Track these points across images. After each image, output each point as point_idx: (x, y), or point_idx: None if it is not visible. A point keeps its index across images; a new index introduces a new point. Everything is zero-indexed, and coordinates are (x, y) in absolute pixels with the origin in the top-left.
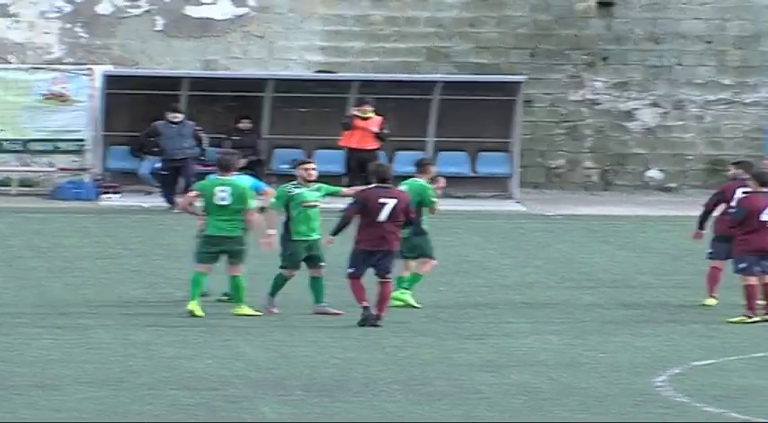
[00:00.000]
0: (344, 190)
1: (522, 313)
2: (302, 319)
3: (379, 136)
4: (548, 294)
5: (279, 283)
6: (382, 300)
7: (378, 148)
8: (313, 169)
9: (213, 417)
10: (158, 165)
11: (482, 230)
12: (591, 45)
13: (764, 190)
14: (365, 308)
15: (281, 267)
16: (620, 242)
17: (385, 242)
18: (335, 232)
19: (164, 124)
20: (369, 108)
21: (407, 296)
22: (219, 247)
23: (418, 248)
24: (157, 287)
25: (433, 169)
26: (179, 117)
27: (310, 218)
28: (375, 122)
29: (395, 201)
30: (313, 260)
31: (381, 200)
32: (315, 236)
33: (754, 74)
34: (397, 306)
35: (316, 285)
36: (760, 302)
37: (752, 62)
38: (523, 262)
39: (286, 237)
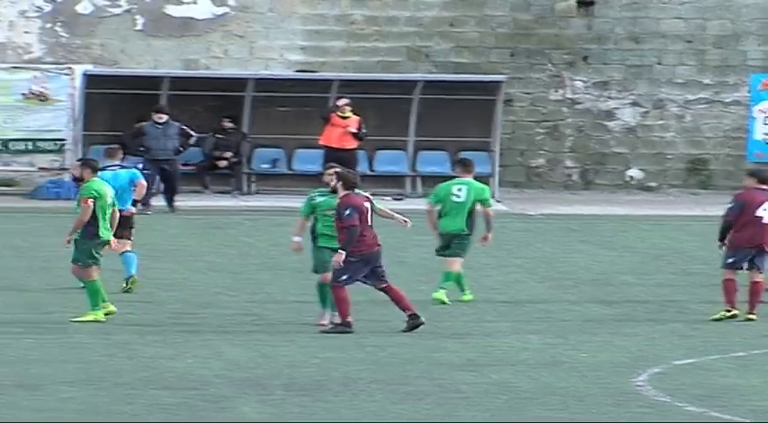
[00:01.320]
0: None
1: (503, 312)
2: (282, 319)
3: (357, 136)
4: (528, 293)
5: (321, 291)
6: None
7: (356, 148)
8: (331, 175)
9: (194, 416)
10: (140, 165)
11: None
12: (571, 44)
13: (763, 187)
14: (349, 323)
15: (314, 272)
16: (600, 241)
17: (378, 245)
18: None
19: (149, 125)
20: (347, 107)
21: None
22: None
23: (463, 247)
24: (138, 287)
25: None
26: (164, 118)
27: (332, 225)
28: (353, 122)
29: (370, 205)
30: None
31: (366, 205)
32: (336, 244)
33: (734, 73)
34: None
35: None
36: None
37: (732, 61)
38: (504, 261)
39: (314, 244)
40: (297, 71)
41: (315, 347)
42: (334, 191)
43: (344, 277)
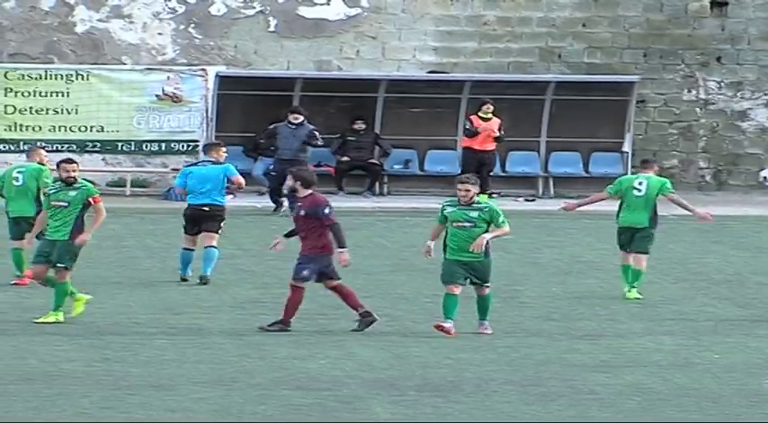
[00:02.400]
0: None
1: (636, 313)
2: (415, 320)
3: (497, 138)
4: (661, 294)
5: (446, 301)
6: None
7: (494, 149)
8: (466, 191)
9: (326, 417)
10: (272, 166)
11: (595, 231)
12: (704, 45)
13: None
14: (289, 324)
15: (441, 282)
16: (733, 242)
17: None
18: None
19: (283, 125)
20: (490, 109)
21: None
22: None
23: (647, 242)
24: (271, 288)
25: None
26: (299, 119)
27: (459, 237)
28: (495, 124)
29: None
30: (471, 281)
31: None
32: (465, 257)
33: None
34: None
35: (481, 303)
36: None
37: None
38: None
39: (443, 254)
40: (429, 72)
41: (448, 348)
42: (294, 191)
43: (305, 273)
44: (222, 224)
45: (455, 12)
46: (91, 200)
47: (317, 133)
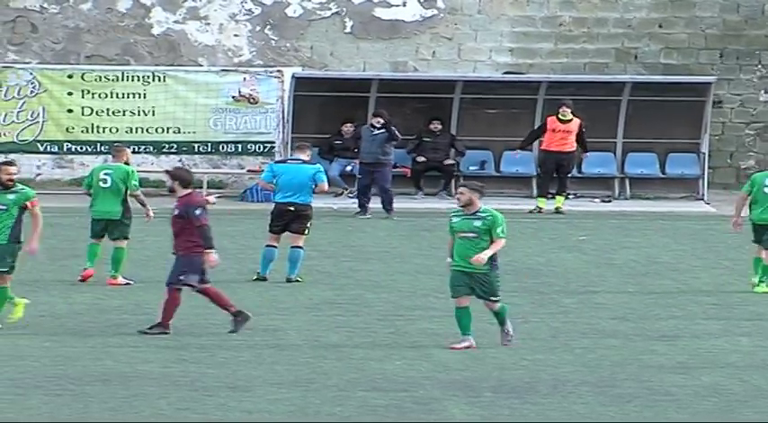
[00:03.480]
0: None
1: (713, 314)
2: (491, 322)
3: (579, 139)
4: (738, 296)
5: (457, 316)
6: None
7: (574, 150)
8: (460, 194)
9: (403, 418)
10: (349, 167)
11: (672, 232)
12: None
13: None
14: (168, 326)
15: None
16: None
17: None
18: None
19: (366, 128)
20: (568, 110)
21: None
22: None
23: None
24: (347, 289)
25: None
26: (381, 122)
27: (463, 248)
28: (575, 125)
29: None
30: (477, 294)
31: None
32: (469, 268)
33: None
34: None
35: (497, 318)
36: None
37: None
38: (714, 263)
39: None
40: (504, 73)
41: (524, 349)
42: (172, 191)
43: (183, 277)
44: (309, 224)
45: (531, 12)
46: (28, 204)
47: (393, 128)
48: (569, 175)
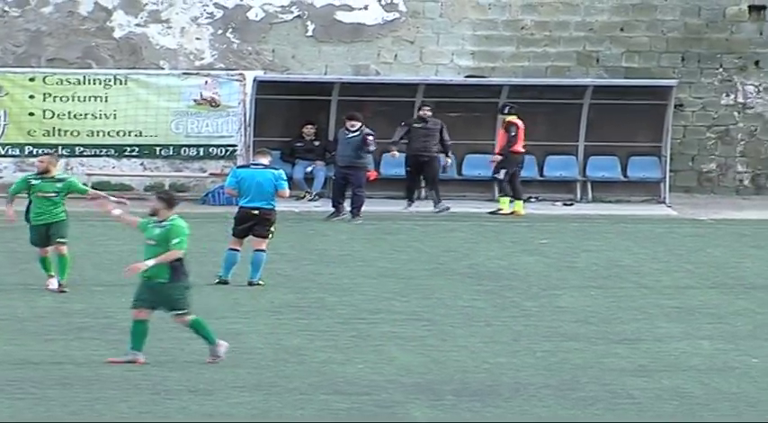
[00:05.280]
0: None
1: (674, 318)
2: (453, 325)
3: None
4: (700, 299)
5: (131, 329)
6: None
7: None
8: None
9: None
10: (309, 169)
11: (633, 235)
12: (742, 49)
13: None
14: None
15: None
16: None
17: None
18: None
19: (341, 131)
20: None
21: None
22: None
23: None
24: (309, 292)
25: None
26: (356, 125)
27: (146, 254)
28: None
29: None
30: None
31: None
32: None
33: None
34: None
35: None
36: None
37: None
38: (675, 266)
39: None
40: (466, 76)
41: (486, 353)
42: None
43: None
44: (272, 228)
45: (493, 16)
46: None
47: (369, 138)
48: (523, 177)
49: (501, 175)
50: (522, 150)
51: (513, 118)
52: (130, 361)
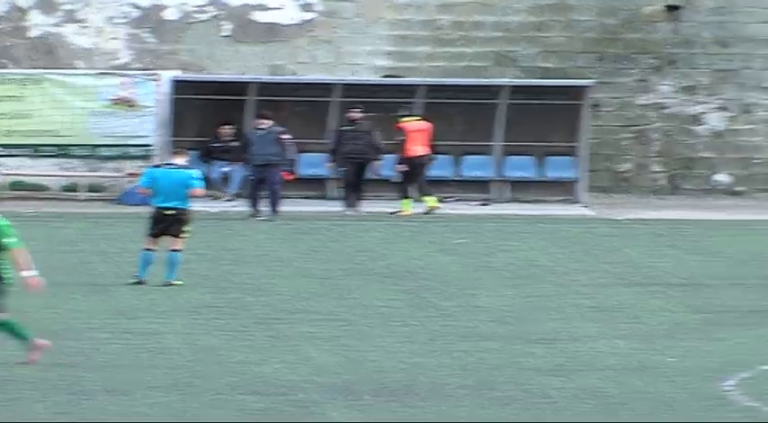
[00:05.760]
0: None
1: (591, 317)
2: (370, 324)
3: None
4: (616, 298)
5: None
6: None
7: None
8: None
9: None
10: (226, 169)
11: (550, 235)
12: (658, 49)
13: None
14: None
15: None
16: (687, 246)
17: None
18: None
19: (251, 131)
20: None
21: None
22: None
23: None
24: (226, 292)
25: None
26: (265, 123)
27: None
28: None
29: None
30: None
31: None
32: None
33: None
34: None
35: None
36: None
37: None
38: (592, 266)
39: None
40: (383, 76)
41: (403, 353)
42: None
43: None
44: (187, 228)
45: (409, 16)
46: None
47: (282, 137)
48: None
49: (397, 175)
50: (420, 153)
51: (404, 122)
52: None
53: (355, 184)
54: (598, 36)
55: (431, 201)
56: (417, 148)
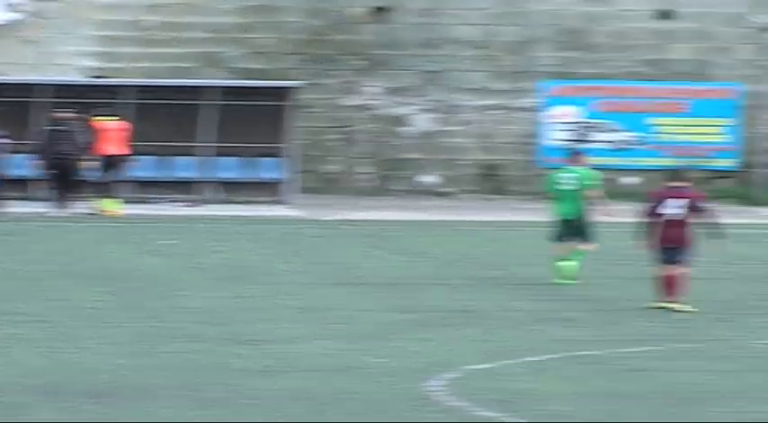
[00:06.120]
0: None
1: (299, 318)
2: (77, 326)
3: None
4: (324, 299)
5: None
6: None
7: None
8: None
9: None
10: None
11: (260, 236)
12: (365, 50)
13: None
14: None
15: None
16: (394, 247)
17: None
18: None
19: None
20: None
21: None
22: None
23: None
24: None
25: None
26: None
27: None
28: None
29: None
30: None
31: None
32: None
33: (526, 79)
34: None
35: None
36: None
37: (524, 68)
38: (301, 267)
39: None
40: (92, 77)
41: (108, 355)
42: None
43: None
44: None
45: (116, 17)
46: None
47: (4, 142)
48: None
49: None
50: (109, 153)
51: (98, 121)
52: None
53: (64, 185)
54: (306, 37)
55: (109, 204)
56: (111, 148)
